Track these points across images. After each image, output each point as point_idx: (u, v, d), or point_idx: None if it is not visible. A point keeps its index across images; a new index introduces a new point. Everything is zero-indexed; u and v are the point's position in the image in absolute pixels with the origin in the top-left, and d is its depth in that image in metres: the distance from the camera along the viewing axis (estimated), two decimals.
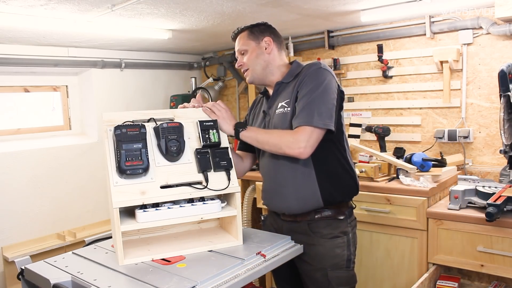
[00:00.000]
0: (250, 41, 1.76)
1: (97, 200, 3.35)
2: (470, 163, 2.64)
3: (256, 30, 1.78)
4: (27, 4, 1.96)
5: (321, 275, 1.68)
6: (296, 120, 1.58)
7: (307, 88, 1.61)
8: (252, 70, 1.77)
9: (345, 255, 1.69)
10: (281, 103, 1.69)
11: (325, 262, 1.68)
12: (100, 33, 2.66)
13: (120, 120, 1.52)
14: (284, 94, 1.72)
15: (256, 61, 1.75)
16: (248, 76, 1.79)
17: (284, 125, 1.65)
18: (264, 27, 1.80)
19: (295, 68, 1.75)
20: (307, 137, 1.54)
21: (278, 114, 1.70)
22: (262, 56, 1.75)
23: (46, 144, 3.13)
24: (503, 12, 2.20)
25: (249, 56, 1.76)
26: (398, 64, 2.90)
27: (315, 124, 1.55)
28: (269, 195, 1.80)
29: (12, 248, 2.87)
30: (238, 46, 1.80)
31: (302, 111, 1.58)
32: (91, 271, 1.39)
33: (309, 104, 1.57)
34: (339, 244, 1.69)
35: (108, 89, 3.43)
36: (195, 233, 1.68)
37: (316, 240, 1.68)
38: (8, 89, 3.10)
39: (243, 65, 1.79)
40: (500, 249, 1.91)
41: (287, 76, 1.74)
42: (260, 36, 1.76)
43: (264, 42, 1.76)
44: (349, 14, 2.58)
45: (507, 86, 2.04)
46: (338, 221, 1.70)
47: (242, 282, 1.33)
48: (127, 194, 1.42)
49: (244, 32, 1.79)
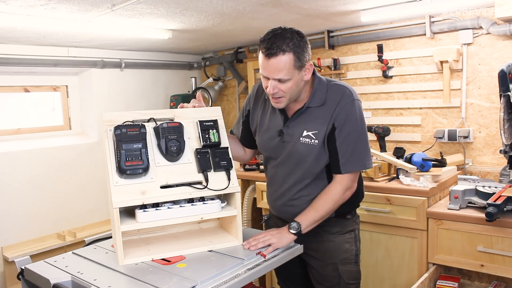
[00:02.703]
0: (295, 70, 1.51)
1: (97, 200, 3.35)
2: (470, 163, 2.64)
3: (300, 54, 1.51)
4: (27, 4, 1.96)
5: (332, 269, 1.71)
6: (346, 167, 1.60)
7: (346, 129, 1.58)
8: (288, 99, 1.59)
9: (353, 250, 1.73)
10: (308, 133, 1.61)
11: (335, 257, 1.71)
12: (100, 33, 2.66)
13: (120, 120, 1.52)
14: (311, 121, 1.61)
15: (295, 90, 1.57)
16: (281, 103, 1.59)
17: (309, 156, 1.62)
18: (305, 45, 1.53)
19: (319, 89, 1.62)
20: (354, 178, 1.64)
21: (303, 143, 1.62)
22: (301, 84, 1.58)
23: (46, 144, 3.13)
24: (503, 12, 2.20)
25: (289, 86, 1.54)
26: (398, 64, 2.90)
27: (359, 169, 1.65)
28: (278, 204, 1.77)
29: (12, 248, 2.87)
30: (277, 74, 1.50)
31: (350, 157, 1.59)
32: (91, 271, 1.39)
33: (354, 149, 1.60)
34: (348, 239, 1.73)
35: (108, 89, 3.43)
36: (195, 233, 1.68)
37: (325, 237, 1.71)
38: (8, 89, 3.10)
39: (278, 92, 1.55)
40: (500, 249, 1.91)
41: (312, 100, 1.62)
42: (304, 62, 1.53)
43: (306, 68, 1.56)
44: (349, 14, 2.58)
45: (507, 86, 2.04)
46: (345, 220, 1.74)
47: (242, 282, 1.33)
48: (127, 194, 1.42)
49: (288, 55, 1.48)
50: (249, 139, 1.87)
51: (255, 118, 1.80)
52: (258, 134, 1.79)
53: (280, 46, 1.47)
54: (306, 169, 1.65)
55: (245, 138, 1.88)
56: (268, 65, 1.51)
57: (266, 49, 1.49)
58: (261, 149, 1.82)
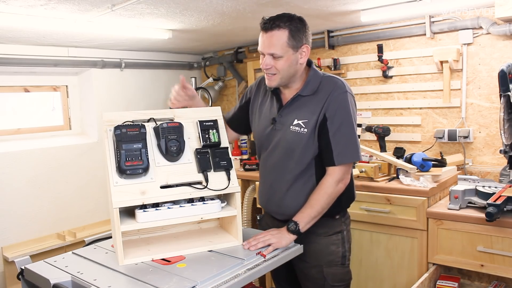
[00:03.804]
0: (289, 49, 1.57)
1: (97, 200, 3.35)
2: (470, 163, 2.64)
3: (297, 33, 1.57)
4: (27, 4, 1.96)
5: (317, 271, 1.70)
6: (339, 158, 1.59)
7: (338, 120, 1.59)
8: (280, 78, 1.62)
9: (340, 252, 1.71)
10: (298, 121, 1.63)
11: (320, 259, 1.69)
12: (100, 33, 2.66)
13: (120, 120, 1.52)
14: (302, 110, 1.64)
15: (288, 70, 1.61)
16: (274, 81, 1.64)
17: (298, 145, 1.62)
18: (304, 28, 1.60)
19: (313, 79, 1.65)
20: (346, 170, 1.63)
21: (292, 132, 1.63)
22: (295, 66, 1.62)
23: (46, 144, 3.13)
24: (503, 12, 2.20)
25: (282, 63, 1.58)
26: (398, 64, 2.90)
27: (352, 160, 1.65)
28: (265, 198, 1.80)
29: (12, 248, 2.87)
30: (270, 48, 1.57)
31: (344, 148, 1.59)
32: (91, 271, 1.39)
33: (348, 141, 1.60)
34: (334, 241, 1.71)
35: (108, 89, 3.43)
36: (195, 233, 1.68)
37: (311, 238, 1.68)
38: (8, 89, 3.10)
39: (271, 69, 1.61)
40: (500, 249, 1.91)
41: (305, 89, 1.65)
42: (299, 44, 1.58)
43: (302, 51, 1.60)
44: (349, 14, 2.58)
45: (507, 86, 2.04)
46: (333, 221, 1.72)
47: (242, 282, 1.33)
48: (127, 194, 1.42)
49: (283, 32, 1.55)
50: (236, 122, 1.91)
51: (254, 107, 1.83)
52: (254, 123, 1.82)
53: (276, 22, 1.56)
54: (295, 158, 1.64)
55: (233, 118, 1.92)
56: (263, 39, 1.59)
57: (264, 23, 1.59)
58: (255, 138, 1.83)
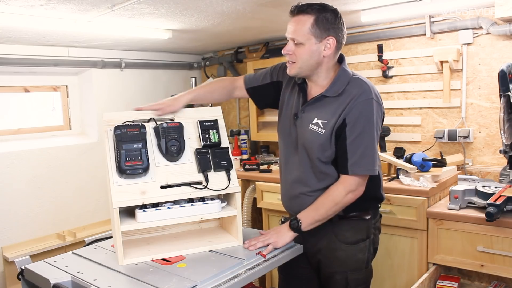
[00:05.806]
0: (311, 37, 1.49)
1: (97, 200, 3.35)
2: (470, 163, 2.64)
3: (323, 23, 1.49)
4: (27, 4, 1.95)
5: (341, 278, 1.65)
6: (353, 168, 1.51)
7: (358, 128, 1.50)
8: (299, 67, 1.55)
9: (365, 258, 1.67)
10: (317, 120, 1.56)
11: (346, 266, 1.64)
12: (100, 33, 2.66)
13: (120, 120, 1.52)
14: (323, 110, 1.56)
15: (308, 61, 1.53)
16: (293, 69, 1.57)
17: (313, 145, 1.56)
18: (334, 19, 1.51)
19: (341, 79, 1.56)
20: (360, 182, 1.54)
21: (310, 130, 1.57)
22: (317, 58, 1.53)
23: (46, 144, 3.13)
24: (503, 12, 2.20)
25: (302, 51, 1.51)
26: (398, 64, 2.90)
27: (366, 173, 1.54)
28: (287, 199, 1.73)
29: (12, 248, 2.87)
30: (294, 33, 1.51)
31: (359, 159, 1.51)
32: (91, 271, 1.39)
33: (365, 151, 1.51)
34: (362, 249, 1.65)
35: (108, 89, 3.43)
36: (195, 233, 1.68)
37: (338, 245, 1.63)
38: (8, 89, 3.10)
39: (291, 55, 1.55)
40: (500, 249, 1.91)
41: (331, 89, 1.56)
42: (324, 34, 1.50)
43: (326, 42, 1.51)
44: (349, 14, 2.58)
45: (507, 86, 2.04)
46: (363, 222, 1.65)
47: (242, 282, 1.33)
48: (127, 194, 1.42)
49: (309, 18, 1.49)
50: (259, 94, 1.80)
51: (285, 97, 1.74)
52: (280, 115, 1.75)
53: (305, 7, 1.50)
54: (312, 157, 1.58)
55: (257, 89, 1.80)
56: (289, 23, 1.54)
57: (292, 7, 1.53)
58: (278, 130, 1.77)
